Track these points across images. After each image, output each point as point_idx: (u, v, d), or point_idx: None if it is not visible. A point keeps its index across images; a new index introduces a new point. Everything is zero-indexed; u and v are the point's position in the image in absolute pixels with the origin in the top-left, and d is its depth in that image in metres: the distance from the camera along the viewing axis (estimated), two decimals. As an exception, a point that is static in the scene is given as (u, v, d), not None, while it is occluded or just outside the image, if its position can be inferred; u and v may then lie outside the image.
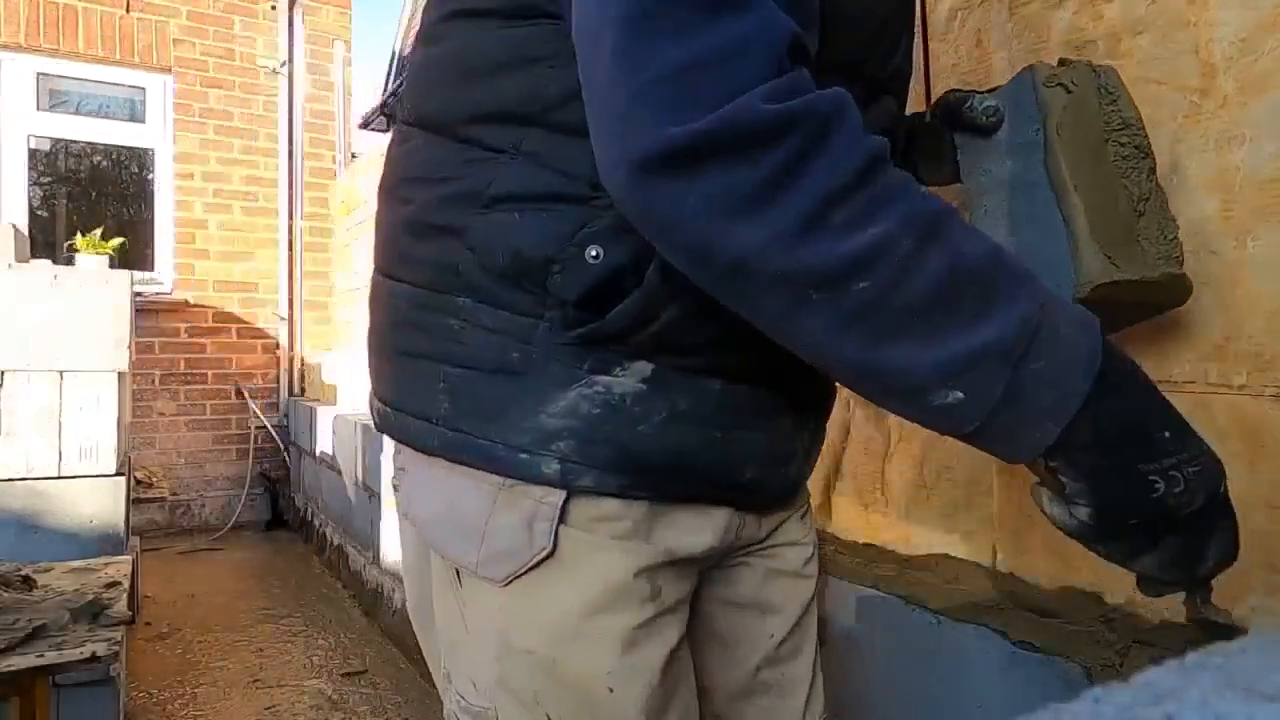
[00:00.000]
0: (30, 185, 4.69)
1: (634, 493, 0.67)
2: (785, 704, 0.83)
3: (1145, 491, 0.53)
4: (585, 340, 0.64)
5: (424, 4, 0.76)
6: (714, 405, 0.68)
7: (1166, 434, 0.54)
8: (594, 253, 0.62)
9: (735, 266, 0.53)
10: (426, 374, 0.68)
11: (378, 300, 0.76)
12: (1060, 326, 0.53)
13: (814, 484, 1.15)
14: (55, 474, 2.23)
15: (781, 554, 0.83)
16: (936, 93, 1.05)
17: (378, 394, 0.76)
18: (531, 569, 0.66)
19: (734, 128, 0.50)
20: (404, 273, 0.72)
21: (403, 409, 0.71)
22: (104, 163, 5.08)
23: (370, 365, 0.78)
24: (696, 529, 0.71)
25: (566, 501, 0.65)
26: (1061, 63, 0.80)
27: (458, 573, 0.70)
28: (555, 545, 0.65)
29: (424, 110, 0.71)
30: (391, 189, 0.74)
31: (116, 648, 1.41)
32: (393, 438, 0.74)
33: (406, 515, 0.78)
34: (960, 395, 0.52)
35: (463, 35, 0.68)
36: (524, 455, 0.65)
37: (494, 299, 0.65)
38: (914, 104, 1.00)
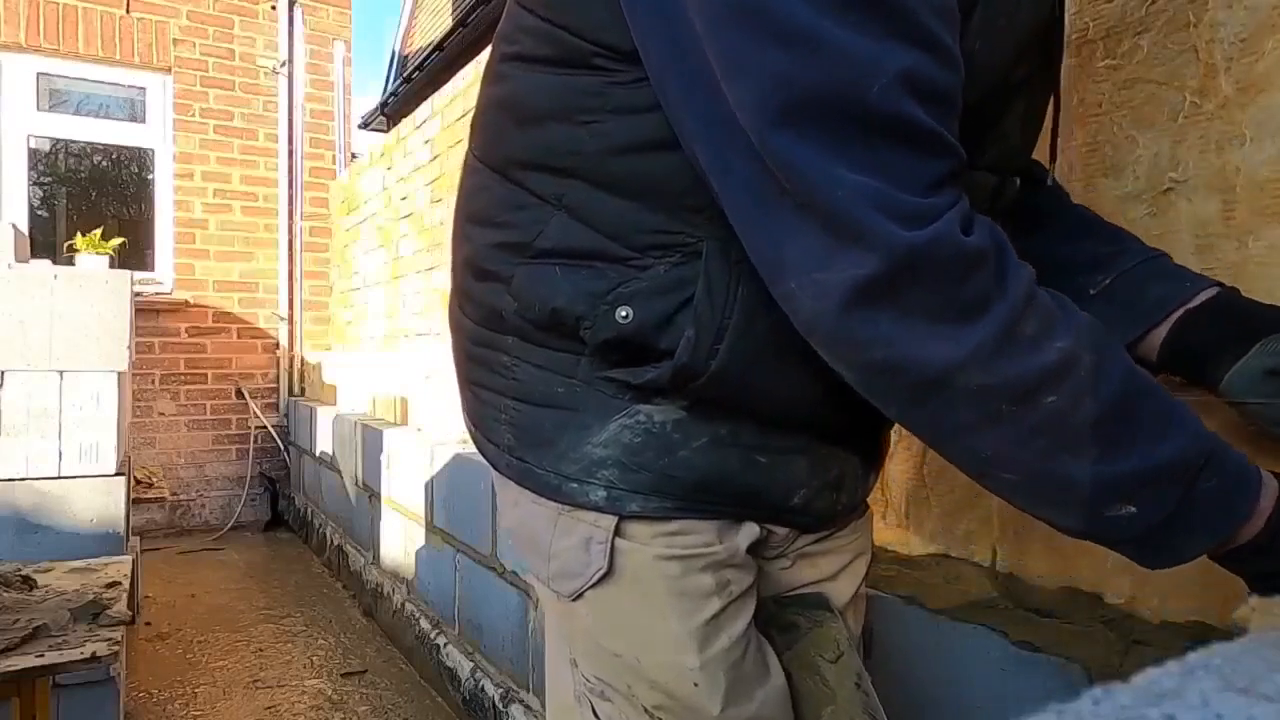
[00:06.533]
0: (30, 185, 4.69)
1: (682, 514, 0.68)
2: None
3: None
4: (623, 381, 0.66)
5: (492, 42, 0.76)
6: (755, 432, 0.69)
7: None
8: (624, 313, 0.63)
9: (934, 381, 0.54)
10: (492, 405, 0.73)
11: (455, 329, 0.79)
12: (1225, 446, 0.55)
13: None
14: (55, 474, 2.23)
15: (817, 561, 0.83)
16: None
17: (465, 413, 0.81)
18: (593, 586, 0.69)
19: (939, 255, 0.52)
20: (469, 309, 0.76)
21: (480, 432, 0.77)
22: (104, 163, 5.07)
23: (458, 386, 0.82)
24: (749, 535, 0.72)
25: (620, 522, 0.68)
26: None
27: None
28: (612, 564, 0.68)
29: (485, 149, 0.73)
30: (459, 224, 0.77)
31: (116, 648, 1.41)
32: (480, 454, 0.79)
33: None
34: (1133, 510, 0.54)
35: (518, 80, 0.69)
36: (574, 484, 0.68)
37: (537, 340, 0.69)
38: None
